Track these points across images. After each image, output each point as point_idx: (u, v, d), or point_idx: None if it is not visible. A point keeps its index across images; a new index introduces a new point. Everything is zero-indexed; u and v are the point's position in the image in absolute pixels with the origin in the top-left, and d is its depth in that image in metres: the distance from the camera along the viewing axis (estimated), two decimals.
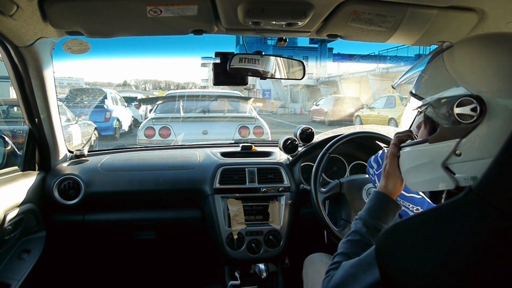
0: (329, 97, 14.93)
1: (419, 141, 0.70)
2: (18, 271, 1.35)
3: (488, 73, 0.59)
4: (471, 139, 0.59)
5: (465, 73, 0.61)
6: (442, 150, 0.63)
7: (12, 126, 3.99)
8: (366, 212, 0.84)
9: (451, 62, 0.64)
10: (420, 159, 0.69)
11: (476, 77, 0.59)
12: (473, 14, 1.09)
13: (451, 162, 0.62)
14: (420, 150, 0.69)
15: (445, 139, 0.63)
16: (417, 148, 0.70)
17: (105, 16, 1.11)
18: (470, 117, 0.58)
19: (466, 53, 0.64)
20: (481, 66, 0.60)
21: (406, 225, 0.58)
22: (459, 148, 0.61)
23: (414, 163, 0.71)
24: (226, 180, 1.64)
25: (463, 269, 0.48)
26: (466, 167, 0.60)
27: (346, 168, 1.78)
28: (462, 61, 0.63)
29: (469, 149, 0.60)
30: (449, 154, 0.62)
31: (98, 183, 1.60)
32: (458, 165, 0.62)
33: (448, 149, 0.62)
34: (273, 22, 1.12)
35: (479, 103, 0.57)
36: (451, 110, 0.60)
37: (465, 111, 0.58)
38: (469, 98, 0.58)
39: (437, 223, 0.53)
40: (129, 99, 10.54)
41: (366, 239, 0.81)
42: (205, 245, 1.70)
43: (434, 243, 0.52)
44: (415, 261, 0.52)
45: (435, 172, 0.65)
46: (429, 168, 0.67)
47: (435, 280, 0.49)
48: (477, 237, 0.48)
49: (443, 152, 0.63)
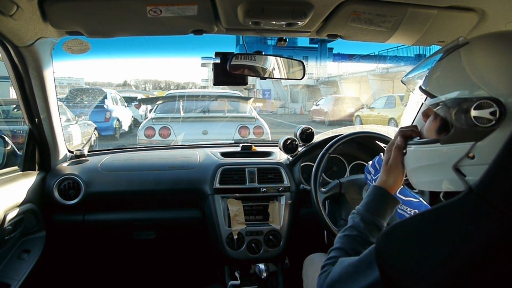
0: (329, 97, 14.93)
1: (430, 141, 0.67)
2: (18, 271, 1.35)
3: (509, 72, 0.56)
4: (486, 143, 0.57)
5: (486, 74, 0.57)
6: (455, 152, 0.61)
7: (12, 126, 3.99)
8: (364, 207, 0.82)
9: (470, 61, 0.60)
10: (431, 159, 0.66)
11: (497, 79, 0.56)
12: (473, 14, 1.09)
13: (463, 164, 0.60)
14: (431, 150, 0.66)
15: (459, 141, 0.60)
16: (427, 148, 0.67)
17: (105, 16, 1.11)
18: (488, 121, 0.55)
19: (488, 53, 0.60)
20: (505, 68, 0.57)
21: (406, 225, 0.58)
22: (473, 151, 0.58)
23: (423, 163, 0.69)
24: (226, 180, 1.64)
25: (464, 269, 0.48)
26: (478, 170, 0.56)
27: (346, 168, 1.78)
28: (483, 61, 0.59)
29: (483, 153, 0.57)
30: (462, 157, 0.60)
31: (98, 183, 1.60)
32: (470, 167, 0.59)
33: (461, 151, 0.60)
34: (273, 22, 1.12)
35: (499, 107, 0.54)
36: (468, 112, 0.57)
37: (483, 114, 0.56)
38: (488, 102, 0.55)
39: (437, 223, 0.53)
40: (129, 99, 10.54)
41: (363, 235, 0.79)
42: (205, 245, 1.70)
43: (434, 243, 0.52)
44: (415, 261, 0.52)
45: (444, 173, 0.63)
46: (439, 169, 0.64)
47: (436, 280, 0.49)
48: (477, 237, 0.48)
49: (455, 154, 0.61)
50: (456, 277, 0.48)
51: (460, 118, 0.58)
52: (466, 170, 0.60)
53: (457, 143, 0.60)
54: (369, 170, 1.09)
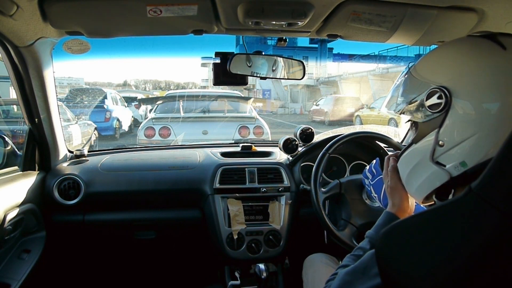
0: (329, 97, 14.93)
1: (407, 146, 0.75)
2: (18, 271, 1.35)
3: (445, 66, 0.68)
4: (447, 126, 0.65)
5: (426, 73, 0.70)
6: (426, 145, 0.68)
7: (12, 126, 3.99)
8: (374, 230, 0.86)
9: (416, 71, 0.72)
10: (412, 161, 0.73)
11: (436, 73, 0.68)
12: (473, 14, 1.09)
13: (438, 154, 0.67)
14: (409, 153, 0.74)
15: (426, 134, 0.68)
16: (407, 152, 0.75)
17: (105, 16, 1.11)
18: (438, 105, 0.65)
19: (425, 60, 0.73)
20: (439, 64, 0.70)
21: (406, 225, 0.58)
22: (440, 139, 0.66)
23: (409, 167, 0.75)
24: (226, 180, 1.64)
25: (463, 269, 0.48)
26: (452, 155, 0.65)
27: (346, 168, 1.78)
28: (424, 66, 0.72)
29: (449, 136, 0.65)
30: (434, 147, 0.67)
31: (98, 183, 1.60)
32: (445, 155, 0.66)
33: (430, 143, 0.67)
34: (273, 22, 1.12)
35: (443, 91, 0.64)
36: (423, 105, 0.67)
37: (433, 101, 0.65)
38: (434, 89, 0.65)
39: (437, 223, 0.53)
40: (129, 99, 10.54)
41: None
42: (205, 245, 1.70)
43: (434, 243, 0.52)
44: (415, 262, 0.52)
45: (428, 169, 0.69)
46: (422, 167, 0.70)
47: (436, 280, 0.49)
48: (477, 237, 0.48)
49: (427, 147, 0.68)
50: (456, 277, 0.48)
51: (420, 113, 0.68)
52: (443, 159, 0.66)
53: (425, 137, 0.69)
54: (367, 175, 1.10)
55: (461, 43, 0.70)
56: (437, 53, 0.73)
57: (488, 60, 0.63)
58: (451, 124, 0.64)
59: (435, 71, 0.69)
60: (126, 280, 1.94)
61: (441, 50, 0.73)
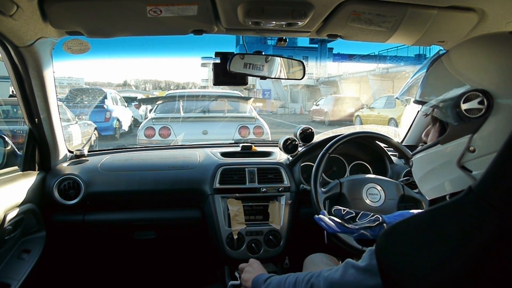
0: (329, 97, 14.92)
1: (431, 144, 0.68)
2: (18, 271, 1.35)
3: (489, 69, 0.61)
4: (483, 133, 0.59)
5: (467, 71, 0.62)
6: (455, 149, 0.63)
7: (12, 126, 3.99)
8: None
9: (451, 64, 0.65)
10: (434, 162, 0.68)
11: (477, 73, 0.61)
12: (473, 14, 1.09)
13: (466, 160, 0.62)
14: (433, 153, 0.68)
15: (457, 137, 0.62)
16: (429, 152, 0.69)
17: (105, 16, 1.11)
18: (478, 110, 0.59)
19: (464, 53, 0.66)
20: (482, 63, 0.62)
21: (406, 225, 0.58)
22: (472, 144, 0.60)
23: (428, 168, 0.70)
24: (226, 180, 1.64)
25: (463, 269, 0.48)
26: (482, 163, 0.58)
27: (346, 168, 1.78)
28: (461, 61, 0.65)
29: (482, 144, 0.60)
30: (463, 152, 0.61)
31: (98, 183, 1.60)
32: (474, 161, 0.61)
33: (461, 147, 0.62)
34: (273, 22, 1.12)
35: (485, 96, 0.58)
36: (459, 107, 0.60)
37: (472, 105, 0.59)
38: (474, 93, 0.59)
39: (437, 223, 0.53)
40: (129, 99, 10.53)
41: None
42: (205, 245, 1.70)
43: (434, 243, 0.51)
44: (414, 262, 0.52)
45: (451, 173, 0.64)
46: (445, 170, 0.65)
47: (435, 280, 0.49)
48: (477, 237, 0.48)
49: (456, 151, 0.62)
50: (456, 277, 0.48)
51: (453, 114, 0.62)
52: (470, 165, 0.61)
53: (456, 139, 0.63)
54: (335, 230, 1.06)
55: (509, 42, 0.62)
56: (478, 45, 0.65)
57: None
58: (489, 132, 0.59)
59: (477, 70, 0.62)
60: (126, 280, 1.94)
61: (482, 43, 0.65)
